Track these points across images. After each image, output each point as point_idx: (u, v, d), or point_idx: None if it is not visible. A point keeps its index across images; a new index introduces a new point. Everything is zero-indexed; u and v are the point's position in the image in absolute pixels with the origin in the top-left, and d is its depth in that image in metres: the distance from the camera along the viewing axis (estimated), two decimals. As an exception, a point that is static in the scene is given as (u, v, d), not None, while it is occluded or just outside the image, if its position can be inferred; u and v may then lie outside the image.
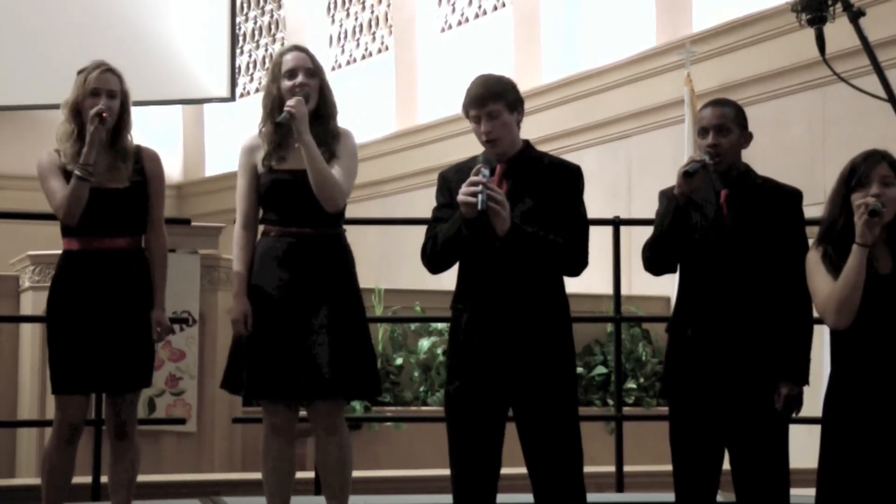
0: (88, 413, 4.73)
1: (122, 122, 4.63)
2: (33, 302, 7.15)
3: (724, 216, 4.18)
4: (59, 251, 4.69)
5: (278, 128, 4.49)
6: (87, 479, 5.49)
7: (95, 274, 4.55)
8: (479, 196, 3.89)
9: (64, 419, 4.57)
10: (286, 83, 4.51)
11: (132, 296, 4.58)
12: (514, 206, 3.98)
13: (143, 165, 4.65)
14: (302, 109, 4.41)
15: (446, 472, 4.15)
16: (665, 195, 4.29)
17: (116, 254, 4.58)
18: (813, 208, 4.34)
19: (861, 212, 3.78)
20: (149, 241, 4.65)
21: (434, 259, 4.13)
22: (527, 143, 4.18)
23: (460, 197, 3.94)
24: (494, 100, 4.07)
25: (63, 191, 4.51)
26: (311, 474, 5.72)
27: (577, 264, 4.09)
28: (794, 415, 4.16)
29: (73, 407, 4.57)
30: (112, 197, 4.57)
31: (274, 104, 4.54)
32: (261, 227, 4.61)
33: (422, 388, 8.45)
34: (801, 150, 8.94)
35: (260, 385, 4.50)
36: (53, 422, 4.63)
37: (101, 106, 4.51)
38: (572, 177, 4.15)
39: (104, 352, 4.52)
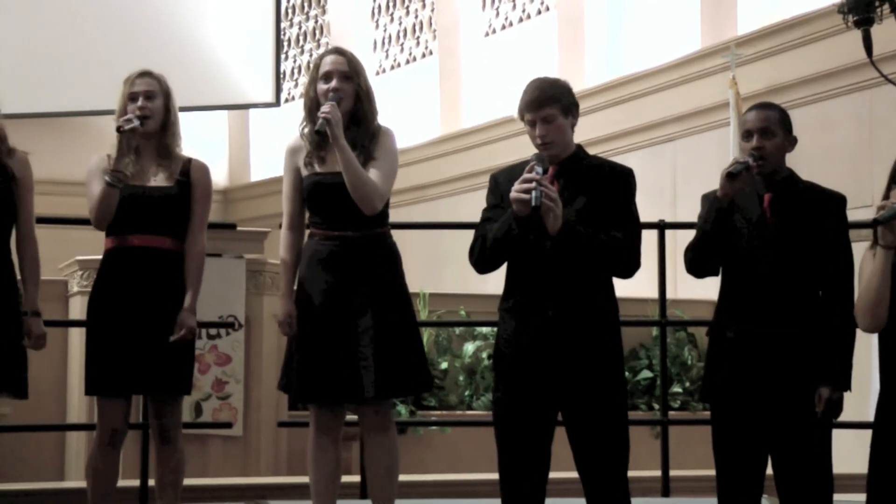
0: (135, 417, 4.75)
1: (165, 123, 4.67)
2: (81, 306, 7.20)
3: (767, 220, 4.16)
4: (106, 255, 4.74)
5: (317, 132, 4.52)
6: (135, 483, 5.53)
7: (131, 272, 4.58)
8: (533, 192, 3.89)
9: (105, 423, 4.60)
10: (321, 86, 4.54)
11: (168, 297, 4.59)
12: (566, 207, 3.97)
13: (191, 174, 4.69)
14: (336, 114, 4.42)
15: (491, 475, 4.15)
16: (708, 199, 4.27)
17: (153, 252, 4.60)
18: (859, 211, 4.31)
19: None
20: (186, 244, 4.67)
21: (482, 258, 4.13)
22: (579, 146, 4.18)
23: (513, 194, 3.94)
24: (550, 104, 4.07)
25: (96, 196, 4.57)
26: (356, 478, 5.74)
27: (630, 265, 4.08)
28: (833, 419, 4.14)
29: (113, 410, 4.59)
30: (150, 196, 4.61)
31: (311, 106, 4.57)
32: (308, 230, 4.64)
33: (467, 392, 8.45)
34: (847, 153, 8.88)
35: (306, 388, 4.52)
36: (96, 426, 4.66)
37: (122, 119, 4.55)
38: (624, 178, 4.15)
39: (138, 353, 4.53)
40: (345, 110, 4.51)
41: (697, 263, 4.24)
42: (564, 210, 3.95)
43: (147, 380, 4.57)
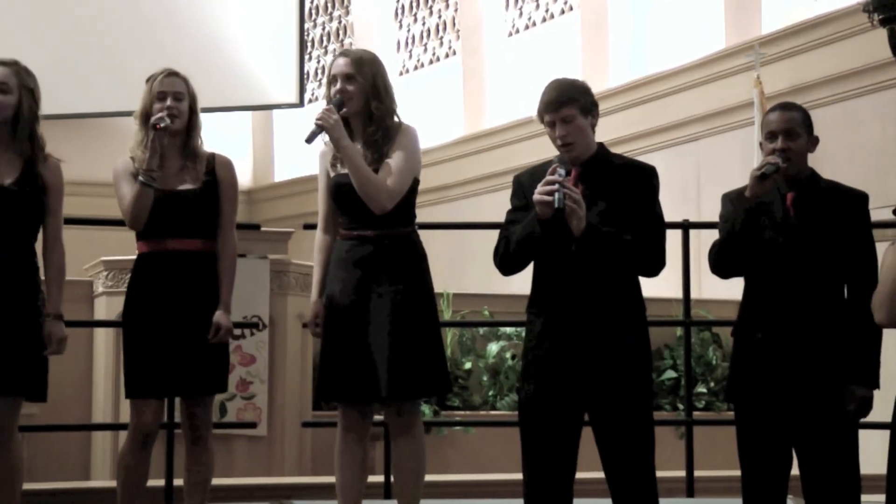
0: (162, 417, 4.78)
1: (190, 125, 4.70)
2: (107, 307, 7.24)
3: (790, 219, 4.15)
4: (132, 256, 4.77)
5: (307, 140, 4.54)
6: (161, 483, 5.55)
7: (166, 276, 4.61)
8: (556, 195, 3.89)
9: (139, 424, 4.62)
10: (331, 90, 4.56)
11: (204, 299, 4.63)
12: (590, 208, 3.97)
13: (216, 171, 4.71)
14: (330, 118, 4.44)
15: (515, 476, 4.15)
16: (728, 198, 4.27)
17: (187, 255, 4.63)
18: (883, 210, 4.30)
19: None
20: (218, 244, 4.70)
21: (507, 260, 4.14)
22: (601, 145, 4.18)
23: (536, 196, 3.94)
24: (569, 104, 4.07)
25: (130, 197, 4.59)
26: (380, 478, 5.74)
27: (655, 264, 4.08)
28: (863, 418, 4.12)
29: (147, 412, 4.61)
30: (181, 199, 4.64)
31: None
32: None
33: (491, 393, 8.45)
34: (872, 152, 8.84)
35: (326, 386, 4.54)
36: (129, 426, 4.68)
37: (156, 116, 4.58)
38: (647, 177, 4.15)
39: (177, 355, 4.57)
40: (354, 111, 4.52)
41: (723, 264, 4.23)
42: (588, 211, 3.95)
43: (185, 381, 4.60)
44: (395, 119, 4.58)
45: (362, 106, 4.53)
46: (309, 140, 4.54)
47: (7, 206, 4.46)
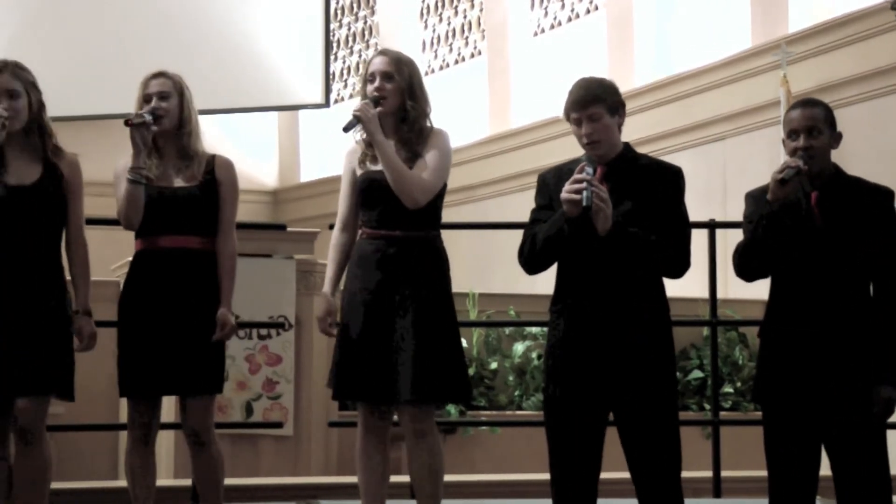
0: (158, 415, 4.75)
1: (181, 123, 4.69)
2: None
3: (815, 218, 4.13)
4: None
5: (344, 129, 4.57)
6: (187, 483, 5.56)
7: (160, 274, 4.61)
8: (584, 193, 3.89)
9: (134, 424, 4.64)
10: (368, 88, 4.57)
11: (198, 298, 4.61)
12: (615, 208, 3.96)
13: (216, 172, 4.70)
14: (368, 112, 4.46)
15: (542, 476, 4.15)
16: (752, 197, 4.25)
17: (181, 253, 4.62)
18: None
19: None
20: (217, 244, 4.69)
21: (532, 259, 4.13)
22: (626, 145, 4.17)
23: (564, 194, 3.94)
24: (595, 102, 4.07)
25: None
26: (406, 478, 5.74)
27: (680, 265, 4.07)
28: (889, 418, 4.10)
29: (143, 409, 4.62)
30: (175, 196, 4.63)
31: None
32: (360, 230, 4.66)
33: (517, 392, 8.45)
34: (900, 151, 8.80)
35: (343, 386, 4.54)
36: (127, 424, 4.69)
37: (135, 113, 4.61)
38: (673, 177, 4.14)
39: (170, 354, 4.55)
40: (389, 109, 4.53)
41: (747, 267, 4.21)
42: (613, 210, 3.95)
43: (179, 381, 4.59)
44: (429, 121, 4.59)
45: (398, 105, 4.54)
46: (346, 129, 4.57)
47: (32, 205, 4.48)
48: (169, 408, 5.29)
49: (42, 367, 4.41)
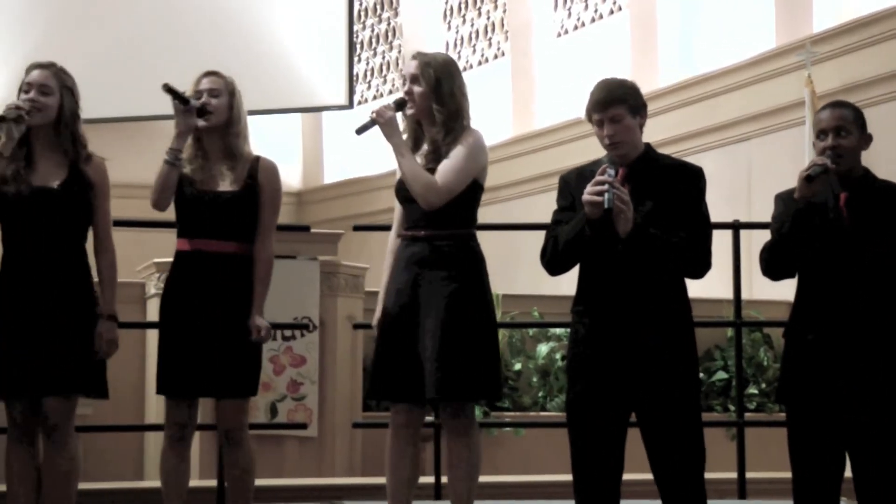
0: (210, 417, 4.80)
1: (228, 125, 4.71)
2: (159, 308, 7.28)
3: (843, 219, 4.12)
4: (183, 259, 4.80)
5: (357, 131, 4.65)
6: (212, 483, 5.58)
7: (202, 276, 4.63)
8: (606, 195, 3.89)
9: (170, 423, 4.66)
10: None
11: (236, 302, 4.64)
12: (636, 209, 3.97)
13: (258, 175, 4.71)
14: (385, 114, 4.50)
15: (565, 477, 4.15)
16: (781, 198, 4.24)
17: (223, 258, 4.65)
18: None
19: None
20: (255, 249, 4.70)
21: (554, 260, 4.14)
22: (648, 146, 4.17)
23: (586, 196, 3.94)
24: (617, 104, 4.07)
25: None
26: (430, 479, 5.76)
27: (700, 266, 4.07)
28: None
29: (179, 409, 4.65)
30: (219, 200, 4.65)
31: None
32: None
33: (540, 394, 8.44)
34: (926, 152, 8.75)
35: (376, 385, 4.58)
36: (164, 424, 4.72)
37: (189, 95, 4.63)
38: (694, 178, 4.14)
39: (208, 356, 4.58)
40: (419, 112, 4.57)
41: (774, 266, 4.21)
42: (634, 211, 3.95)
43: (216, 382, 4.61)
44: (465, 122, 4.60)
45: (426, 108, 4.56)
46: (359, 131, 4.65)
47: (56, 207, 4.51)
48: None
49: (70, 366, 4.45)
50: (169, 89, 4.59)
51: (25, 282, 4.48)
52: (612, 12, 12.20)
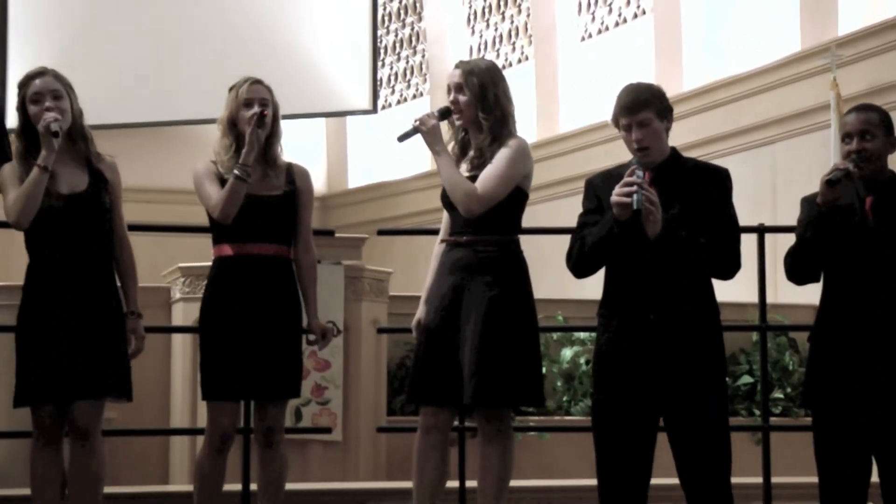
0: (238, 420, 4.83)
1: (273, 133, 4.76)
2: (184, 313, 7.31)
3: (869, 223, 4.10)
4: (209, 263, 4.82)
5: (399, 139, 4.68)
6: (237, 487, 5.59)
7: (247, 280, 4.68)
8: (635, 196, 3.90)
9: (215, 428, 4.68)
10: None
11: (280, 305, 4.69)
12: (664, 211, 3.97)
13: (295, 180, 4.79)
14: (428, 123, 4.54)
15: (590, 482, 4.14)
16: (807, 202, 4.23)
17: (266, 260, 4.70)
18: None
19: None
20: (298, 253, 4.78)
21: (580, 263, 4.14)
22: (673, 149, 4.17)
23: (614, 197, 3.95)
24: (645, 108, 4.08)
25: (219, 193, 4.64)
26: (455, 484, 5.75)
27: (730, 267, 4.07)
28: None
29: (225, 415, 4.67)
30: (263, 204, 4.70)
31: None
32: None
33: (565, 398, 8.42)
34: (953, 155, 8.71)
35: (414, 388, 4.61)
36: (206, 430, 4.74)
37: (253, 111, 4.67)
38: (720, 180, 4.15)
39: (253, 359, 4.62)
40: (466, 121, 4.63)
41: (798, 270, 4.19)
42: (662, 214, 3.94)
43: (260, 385, 4.65)
44: (510, 128, 4.61)
45: (472, 117, 4.59)
46: (401, 139, 4.68)
47: (87, 211, 4.55)
48: (203, 413, 5.31)
49: (99, 370, 4.49)
50: (258, 115, 4.61)
51: (57, 289, 4.51)
52: (636, 16, 12.18)
